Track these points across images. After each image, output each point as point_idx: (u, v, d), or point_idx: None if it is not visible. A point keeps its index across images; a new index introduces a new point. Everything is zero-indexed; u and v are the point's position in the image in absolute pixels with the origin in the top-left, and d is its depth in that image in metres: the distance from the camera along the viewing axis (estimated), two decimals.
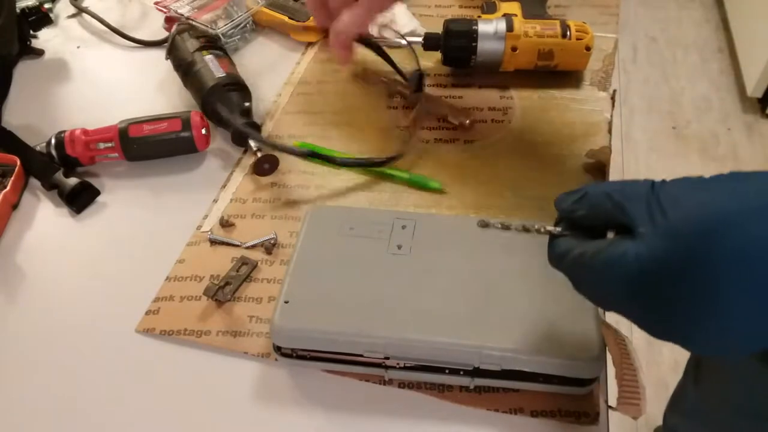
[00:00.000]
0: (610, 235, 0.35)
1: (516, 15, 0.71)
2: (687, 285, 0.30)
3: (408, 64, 0.76)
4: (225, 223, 0.60)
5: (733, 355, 0.32)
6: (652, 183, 0.34)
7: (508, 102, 0.71)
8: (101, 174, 0.66)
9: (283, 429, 0.46)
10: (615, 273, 0.33)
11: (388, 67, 0.74)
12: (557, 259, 0.37)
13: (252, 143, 0.64)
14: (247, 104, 0.67)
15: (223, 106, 0.66)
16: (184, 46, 0.72)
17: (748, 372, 0.64)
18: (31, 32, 0.83)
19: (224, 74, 0.69)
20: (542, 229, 0.39)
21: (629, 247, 0.32)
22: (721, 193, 0.31)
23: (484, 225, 0.41)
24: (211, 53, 0.71)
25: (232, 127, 0.65)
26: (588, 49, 0.70)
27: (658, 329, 0.33)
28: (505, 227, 0.41)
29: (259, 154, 0.62)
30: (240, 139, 0.65)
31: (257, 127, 0.66)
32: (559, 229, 0.38)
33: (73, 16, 0.90)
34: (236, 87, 0.69)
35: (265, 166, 0.63)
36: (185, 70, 0.71)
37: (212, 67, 0.69)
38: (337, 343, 0.46)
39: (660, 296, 0.31)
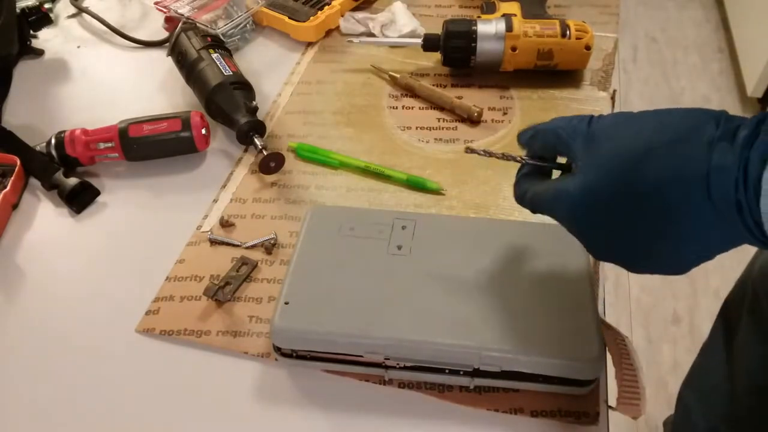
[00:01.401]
0: (556, 174, 0.41)
1: (515, 15, 0.71)
2: (618, 210, 0.35)
3: (408, 64, 0.77)
4: (225, 223, 0.60)
5: (670, 272, 0.36)
6: (590, 119, 0.38)
7: (508, 102, 0.71)
8: (101, 174, 0.66)
9: (283, 429, 0.46)
10: (561, 205, 0.38)
11: (392, 65, 0.74)
12: (520, 197, 0.43)
13: (257, 141, 0.64)
14: (254, 103, 0.67)
15: (229, 103, 0.66)
16: (189, 44, 0.72)
17: None
18: (31, 32, 0.83)
19: (231, 73, 0.69)
20: (518, 158, 0.43)
21: (569, 182, 0.37)
22: (643, 127, 0.35)
23: (471, 151, 0.45)
24: (217, 52, 0.72)
25: (237, 125, 0.65)
26: (588, 48, 0.70)
27: (602, 252, 0.38)
28: (488, 154, 0.45)
29: (264, 152, 0.62)
30: (245, 138, 0.65)
31: (263, 126, 0.66)
32: (531, 159, 0.43)
33: (73, 16, 0.90)
34: (242, 86, 0.69)
35: (271, 165, 0.63)
36: (189, 67, 0.71)
37: (220, 65, 0.69)
38: (337, 345, 0.46)
39: (599, 221, 0.36)
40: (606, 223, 0.36)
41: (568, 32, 0.70)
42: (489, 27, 0.70)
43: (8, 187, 0.62)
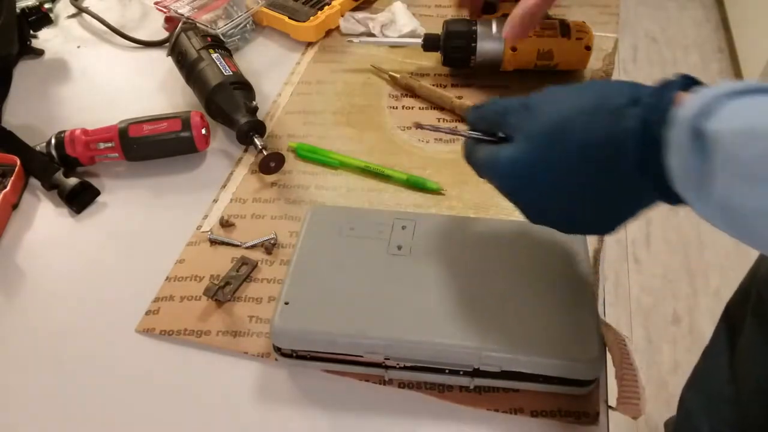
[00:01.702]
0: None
1: None
2: (544, 176, 0.38)
3: (408, 64, 0.77)
4: (225, 223, 0.60)
5: (598, 232, 0.40)
6: (528, 97, 0.41)
7: None
8: (101, 174, 0.66)
9: (283, 429, 0.46)
10: (496, 172, 0.41)
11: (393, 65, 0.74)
12: (466, 158, 0.45)
13: (257, 141, 0.64)
14: (254, 103, 0.67)
15: (229, 103, 0.66)
16: (189, 44, 0.72)
17: None
18: (31, 32, 0.83)
19: (231, 73, 0.69)
20: (463, 133, 0.45)
21: (503, 151, 0.41)
22: (566, 100, 0.39)
23: (419, 127, 0.49)
24: (217, 52, 0.72)
25: (237, 125, 0.65)
26: (588, 48, 0.70)
27: (534, 217, 0.42)
28: (435, 129, 0.49)
29: (264, 152, 0.62)
30: (245, 138, 0.65)
31: (263, 126, 0.66)
32: (478, 133, 0.44)
33: (73, 16, 0.90)
34: (242, 86, 0.69)
35: (271, 165, 0.63)
36: (189, 67, 0.71)
37: (219, 65, 0.69)
38: (337, 345, 0.46)
39: (528, 188, 0.40)
40: (534, 189, 0.40)
41: (568, 32, 0.70)
42: (489, 27, 0.70)
43: (8, 187, 0.62)
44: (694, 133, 0.30)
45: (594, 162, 0.36)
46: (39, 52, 0.83)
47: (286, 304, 0.46)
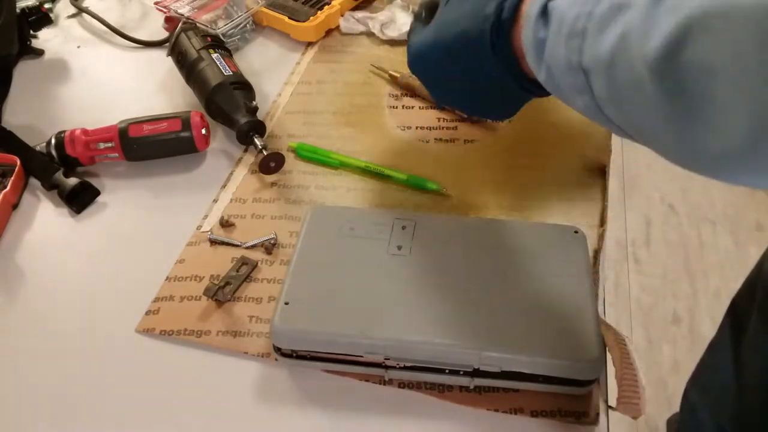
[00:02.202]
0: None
1: None
2: (439, 62, 0.47)
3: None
4: (225, 223, 0.60)
5: (494, 116, 0.51)
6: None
7: None
8: (101, 174, 0.66)
9: (283, 429, 0.46)
10: (408, 53, 0.51)
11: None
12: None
13: (257, 141, 0.64)
14: (254, 103, 0.67)
15: (229, 103, 0.66)
16: (189, 44, 0.72)
17: None
18: (31, 32, 0.83)
19: (231, 73, 0.69)
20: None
21: (415, 36, 0.50)
22: (462, 3, 0.46)
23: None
24: (217, 52, 0.72)
25: (237, 125, 0.65)
26: None
27: (439, 98, 0.52)
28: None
29: (264, 152, 0.62)
30: (245, 138, 0.65)
31: (263, 126, 0.66)
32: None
33: (73, 16, 0.90)
34: (242, 86, 0.69)
35: (271, 165, 0.63)
36: (189, 67, 0.71)
37: (220, 65, 0.69)
38: (337, 345, 0.46)
39: (430, 71, 0.49)
40: (434, 73, 0.48)
41: None
42: None
43: (8, 187, 0.62)
44: (542, 11, 0.38)
45: (470, 51, 0.44)
46: (39, 52, 0.83)
47: (286, 304, 0.47)
